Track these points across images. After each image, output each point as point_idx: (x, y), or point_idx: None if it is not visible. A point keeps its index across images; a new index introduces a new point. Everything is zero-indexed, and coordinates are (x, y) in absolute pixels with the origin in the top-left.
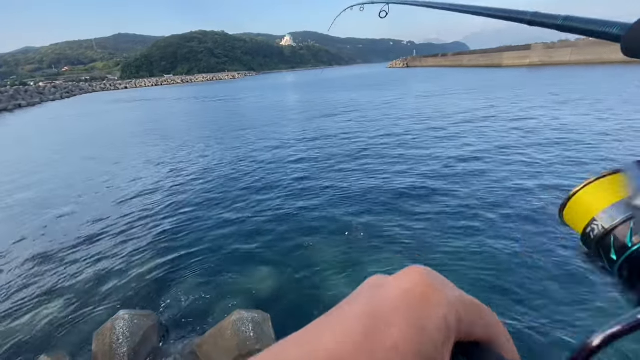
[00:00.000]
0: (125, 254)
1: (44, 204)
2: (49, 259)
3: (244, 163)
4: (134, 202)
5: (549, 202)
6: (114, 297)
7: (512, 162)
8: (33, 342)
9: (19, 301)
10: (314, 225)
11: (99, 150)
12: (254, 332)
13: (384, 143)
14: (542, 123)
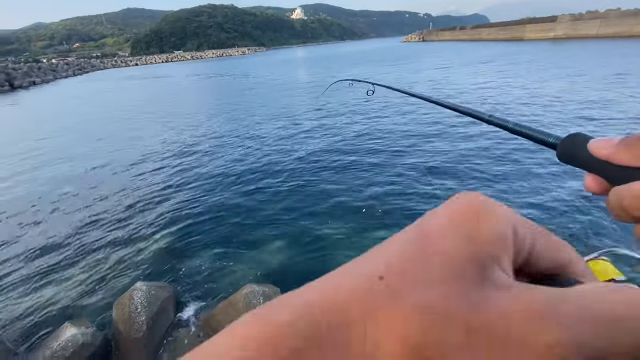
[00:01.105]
0: (141, 228)
1: (64, 179)
2: (68, 233)
3: (256, 139)
4: (150, 178)
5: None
6: (132, 269)
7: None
8: (59, 310)
9: (44, 272)
10: (328, 201)
11: (114, 126)
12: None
13: (397, 124)
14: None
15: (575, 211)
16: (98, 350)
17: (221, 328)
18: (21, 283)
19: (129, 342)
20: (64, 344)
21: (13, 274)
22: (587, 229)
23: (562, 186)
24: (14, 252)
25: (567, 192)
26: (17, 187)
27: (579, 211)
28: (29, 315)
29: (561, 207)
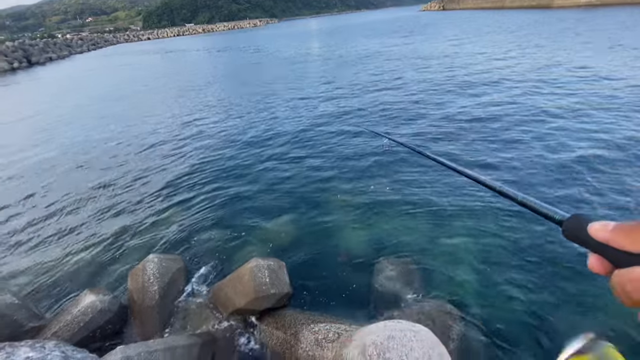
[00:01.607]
0: (154, 202)
1: (82, 153)
2: (85, 207)
3: (267, 115)
4: (162, 153)
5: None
6: (145, 242)
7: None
8: (78, 279)
9: (64, 243)
10: (336, 178)
11: (128, 102)
12: (269, 277)
13: (419, 99)
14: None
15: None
16: (115, 316)
17: (228, 299)
18: (44, 254)
19: (143, 309)
20: (83, 309)
21: (37, 246)
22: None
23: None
24: (36, 224)
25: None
26: (37, 160)
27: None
28: (51, 283)
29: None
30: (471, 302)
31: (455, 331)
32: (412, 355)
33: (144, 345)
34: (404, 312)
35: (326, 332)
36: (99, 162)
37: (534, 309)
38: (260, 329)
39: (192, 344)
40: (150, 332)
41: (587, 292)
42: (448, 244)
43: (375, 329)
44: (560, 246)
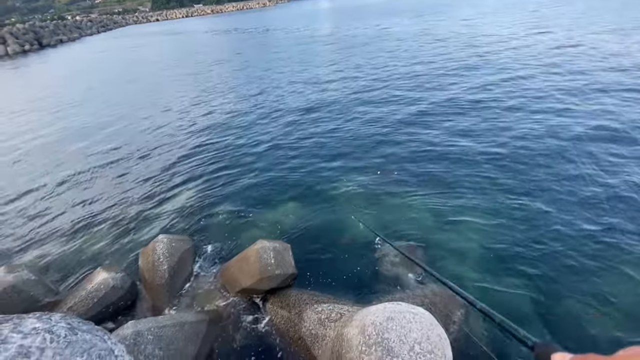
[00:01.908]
0: (164, 183)
1: (91, 133)
2: (97, 187)
3: (274, 96)
4: (172, 135)
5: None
6: (155, 222)
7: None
8: (91, 257)
9: (77, 223)
10: (343, 161)
11: (139, 85)
12: (275, 259)
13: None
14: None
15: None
16: (126, 293)
17: (235, 279)
18: (57, 232)
19: (153, 287)
20: (97, 286)
21: (50, 224)
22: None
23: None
24: (49, 204)
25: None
26: (49, 141)
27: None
28: (65, 260)
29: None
30: (474, 288)
31: (457, 315)
32: (411, 336)
33: (154, 320)
34: (406, 295)
35: (329, 312)
36: (109, 143)
37: (537, 298)
38: (266, 307)
39: (200, 320)
40: (160, 309)
41: (594, 282)
42: (453, 231)
43: (375, 310)
44: (567, 236)
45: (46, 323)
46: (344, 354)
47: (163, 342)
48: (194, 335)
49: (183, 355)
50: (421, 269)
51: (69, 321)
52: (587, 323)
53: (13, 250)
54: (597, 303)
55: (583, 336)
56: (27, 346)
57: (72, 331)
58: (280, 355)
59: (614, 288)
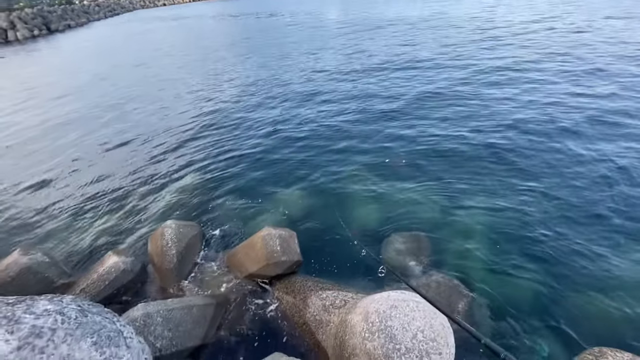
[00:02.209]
0: (172, 170)
1: (102, 117)
2: (107, 173)
3: (281, 80)
4: (182, 122)
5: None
6: (164, 208)
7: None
8: (102, 241)
9: (89, 208)
10: (351, 148)
11: (148, 68)
12: (281, 246)
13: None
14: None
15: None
16: (136, 276)
17: (241, 264)
18: (70, 217)
19: (162, 271)
20: (108, 269)
21: (63, 208)
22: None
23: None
24: (61, 189)
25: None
26: (59, 124)
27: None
28: (77, 244)
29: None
30: (479, 279)
31: (461, 305)
32: (414, 324)
33: (163, 303)
34: (411, 284)
35: (333, 299)
36: (118, 128)
37: (542, 290)
38: (271, 293)
39: (207, 304)
40: (168, 292)
41: (600, 275)
42: (461, 222)
43: (379, 297)
44: (575, 228)
45: (57, 305)
46: (347, 339)
47: (172, 323)
48: (201, 318)
49: (191, 336)
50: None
51: (79, 303)
52: (594, 312)
53: (27, 233)
54: (606, 292)
55: (589, 325)
56: (39, 326)
57: (82, 313)
58: (285, 339)
59: (623, 274)
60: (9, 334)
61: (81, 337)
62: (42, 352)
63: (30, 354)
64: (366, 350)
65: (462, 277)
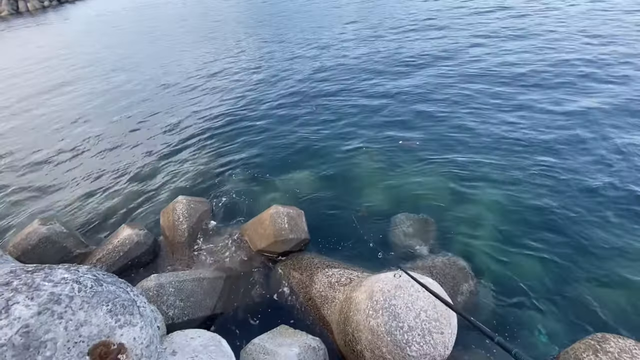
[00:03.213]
0: (183, 147)
1: (115, 93)
2: (120, 149)
3: (290, 58)
4: (190, 94)
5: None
6: (175, 185)
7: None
8: (116, 215)
9: (101, 184)
10: (361, 128)
11: (159, 43)
12: (289, 224)
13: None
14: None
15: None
16: (149, 248)
17: (250, 240)
18: (84, 190)
19: (174, 244)
20: (122, 241)
21: (77, 181)
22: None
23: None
24: (76, 163)
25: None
26: (72, 99)
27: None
28: (93, 217)
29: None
30: (484, 262)
31: (465, 287)
32: (417, 304)
33: (175, 275)
34: (417, 265)
35: (339, 277)
36: (129, 102)
37: (546, 275)
38: (279, 268)
39: (217, 277)
40: (180, 265)
41: (606, 262)
42: (470, 205)
43: (384, 277)
44: (586, 215)
45: (74, 274)
46: (352, 315)
47: (183, 294)
48: (211, 290)
49: (202, 307)
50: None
51: (94, 273)
52: (598, 298)
53: (44, 205)
54: (610, 278)
55: (592, 311)
56: (57, 294)
57: (97, 282)
58: (291, 313)
59: (629, 261)
60: (29, 299)
61: (97, 305)
62: (60, 317)
63: (49, 319)
64: (369, 326)
65: (467, 259)
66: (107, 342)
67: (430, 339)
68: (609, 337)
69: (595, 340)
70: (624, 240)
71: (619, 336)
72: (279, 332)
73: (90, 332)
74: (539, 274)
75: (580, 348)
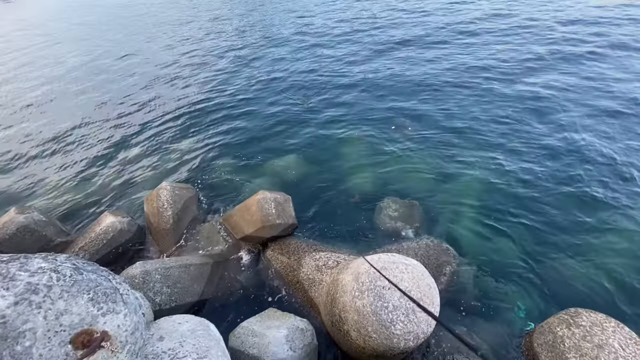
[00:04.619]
0: (167, 132)
1: (96, 74)
2: (99, 134)
3: (279, 44)
4: (172, 80)
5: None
6: (157, 170)
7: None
8: (98, 202)
9: (79, 170)
10: (347, 115)
11: (142, 24)
12: (276, 209)
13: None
14: None
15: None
16: (134, 236)
17: (237, 226)
18: (64, 177)
19: (159, 232)
20: (105, 229)
21: (56, 168)
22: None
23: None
24: (54, 148)
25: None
26: (52, 80)
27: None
28: (75, 205)
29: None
30: (466, 244)
31: (448, 268)
32: (402, 284)
33: (161, 262)
34: (402, 247)
35: (326, 260)
36: (111, 84)
37: (524, 255)
38: (266, 253)
39: (204, 263)
40: (166, 252)
41: (579, 242)
42: (453, 190)
43: (369, 259)
44: (559, 199)
45: (52, 263)
46: (338, 297)
47: (170, 280)
48: (199, 276)
49: (189, 292)
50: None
51: (74, 262)
52: (572, 276)
53: (22, 193)
54: (583, 257)
55: (566, 288)
56: (34, 283)
57: (77, 271)
58: (279, 296)
59: (600, 241)
60: (5, 290)
61: (77, 294)
62: (39, 307)
63: (27, 309)
64: (356, 307)
65: (450, 241)
66: (90, 330)
67: (414, 317)
68: (581, 311)
69: (569, 315)
70: (597, 223)
71: (591, 311)
72: (267, 315)
73: (72, 321)
74: (517, 254)
75: (555, 322)
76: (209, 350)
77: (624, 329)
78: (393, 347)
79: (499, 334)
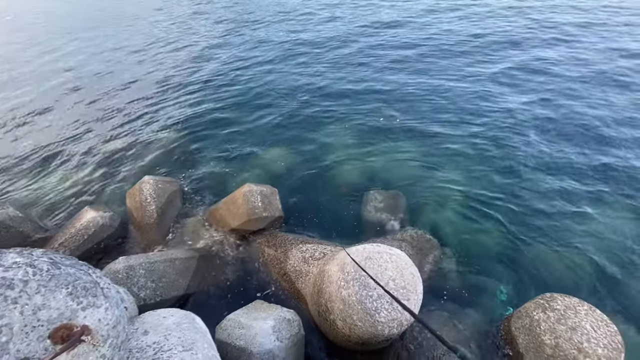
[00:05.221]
0: (148, 122)
1: (77, 63)
2: (81, 124)
3: (267, 36)
4: (157, 70)
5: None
6: (139, 163)
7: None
8: (79, 196)
9: (57, 164)
10: (334, 107)
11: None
12: (262, 202)
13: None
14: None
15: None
16: (116, 231)
17: (223, 219)
18: (41, 171)
19: (143, 226)
20: (86, 224)
21: (37, 163)
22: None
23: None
24: (31, 145)
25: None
26: (30, 73)
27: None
28: (53, 200)
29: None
30: (449, 233)
31: (432, 257)
32: (386, 274)
33: (145, 256)
34: (386, 238)
35: (313, 252)
36: (94, 74)
37: (505, 243)
38: (253, 246)
39: (190, 257)
40: (150, 246)
41: (556, 230)
42: (437, 182)
43: (355, 250)
44: (544, 194)
45: (27, 258)
46: (325, 288)
47: (155, 275)
48: (184, 270)
49: (174, 287)
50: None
51: (50, 256)
52: (549, 262)
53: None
54: (560, 244)
55: (543, 274)
56: (9, 278)
57: (54, 265)
58: (266, 289)
59: (576, 228)
60: None
61: (55, 288)
62: (15, 302)
63: (2, 304)
64: (341, 297)
65: (434, 231)
66: (69, 325)
67: (397, 305)
68: (556, 296)
69: (545, 300)
70: (575, 211)
71: (566, 295)
72: (254, 307)
73: (50, 316)
74: (498, 242)
75: (531, 307)
76: (195, 342)
77: (596, 312)
78: (377, 334)
79: (480, 319)
